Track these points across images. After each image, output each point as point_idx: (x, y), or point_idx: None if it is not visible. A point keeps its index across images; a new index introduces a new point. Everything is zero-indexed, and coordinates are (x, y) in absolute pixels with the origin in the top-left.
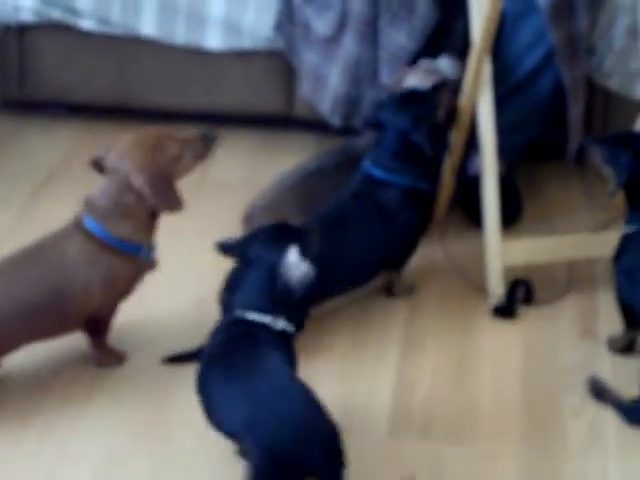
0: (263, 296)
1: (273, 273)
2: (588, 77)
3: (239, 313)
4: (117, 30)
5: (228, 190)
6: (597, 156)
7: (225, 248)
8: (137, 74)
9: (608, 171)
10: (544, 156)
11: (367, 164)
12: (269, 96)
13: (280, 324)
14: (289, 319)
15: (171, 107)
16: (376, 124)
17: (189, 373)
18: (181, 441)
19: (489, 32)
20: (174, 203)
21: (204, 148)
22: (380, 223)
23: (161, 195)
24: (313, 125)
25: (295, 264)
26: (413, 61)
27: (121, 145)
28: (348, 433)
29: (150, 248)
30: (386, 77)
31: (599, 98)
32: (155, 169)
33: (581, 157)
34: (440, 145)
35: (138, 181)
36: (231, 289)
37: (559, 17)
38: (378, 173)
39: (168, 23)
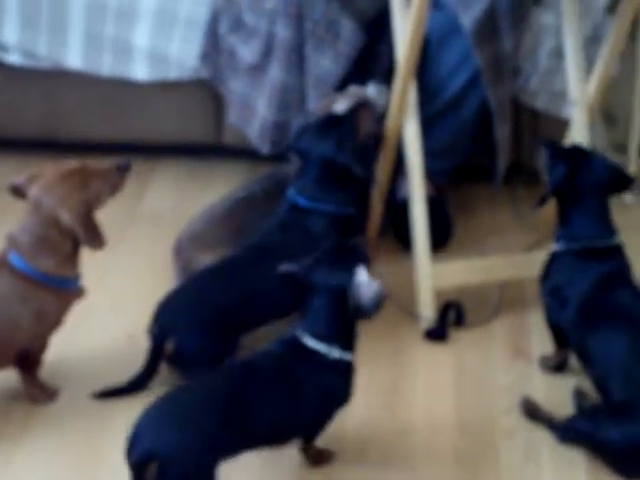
0: (327, 324)
1: (342, 297)
2: (515, 98)
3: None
4: (43, 63)
5: (159, 221)
6: (541, 159)
7: (290, 276)
8: (65, 107)
9: (544, 177)
10: (473, 177)
11: (292, 193)
12: (198, 125)
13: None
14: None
15: (100, 139)
16: (297, 151)
17: (121, 407)
18: (115, 474)
19: (413, 55)
20: (100, 239)
21: (119, 179)
22: (307, 252)
23: (89, 231)
24: (243, 153)
25: (367, 284)
26: (341, 86)
27: (44, 179)
28: (282, 459)
29: (76, 279)
30: (313, 103)
31: (526, 118)
32: (82, 204)
33: (510, 178)
34: (366, 165)
35: (66, 217)
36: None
37: (484, 39)
38: (303, 201)
39: (94, 55)
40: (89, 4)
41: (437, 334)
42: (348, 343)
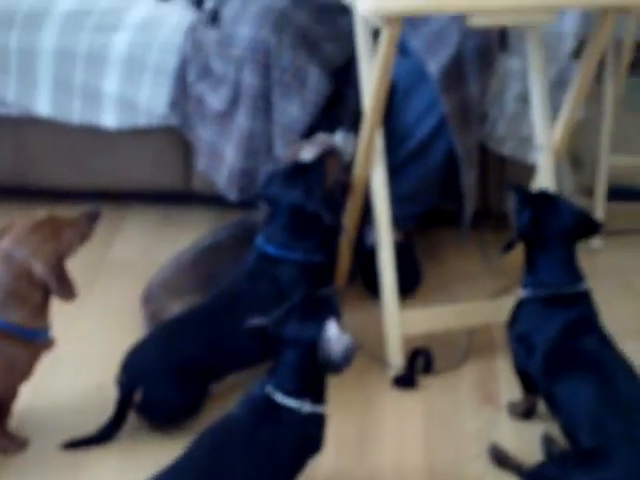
0: (298, 378)
1: (312, 352)
2: (482, 143)
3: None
4: (13, 111)
5: (128, 268)
6: (509, 203)
7: (260, 329)
8: (35, 154)
9: (513, 222)
10: (441, 222)
11: (261, 241)
12: (167, 172)
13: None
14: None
15: (70, 186)
16: (266, 199)
17: (90, 457)
18: None
19: (380, 103)
20: (71, 289)
21: (89, 227)
22: (276, 301)
23: (60, 282)
24: (213, 200)
25: (337, 338)
26: (309, 133)
27: (15, 231)
28: None
29: (46, 330)
30: (280, 150)
31: (493, 164)
32: (53, 255)
33: (477, 223)
34: (334, 212)
35: (38, 269)
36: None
37: (450, 86)
38: (272, 250)
39: (63, 102)
40: (58, 51)
41: (406, 381)
42: (319, 396)
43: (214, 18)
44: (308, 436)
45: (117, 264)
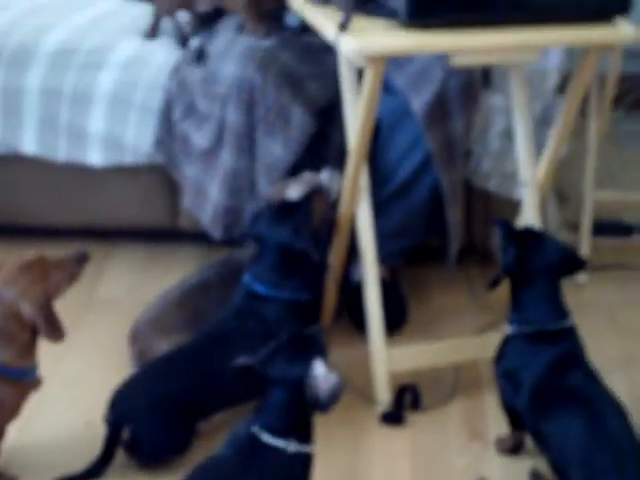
0: (284, 418)
1: (299, 391)
2: (467, 179)
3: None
4: None
5: (115, 307)
6: (495, 239)
7: (247, 368)
8: (21, 192)
9: (497, 258)
10: (427, 258)
11: (248, 279)
12: (153, 209)
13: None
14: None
15: (56, 224)
16: (254, 237)
17: None
18: None
19: (364, 141)
20: (60, 330)
21: (77, 269)
22: (264, 340)
23: (49, 322)
24: (199, 237)
25: (324, 377)
26: (294, 172)
27: (4, 272)
28: None
29: (33, 369)
30: (264, 189)
31: (479, 199)
32: (42, 296)
33: (463, 258)
34: (320, 250)
35: (27, 309)
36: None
37: (434, 123)
38: (260, 288)
39: (49, 141)
40: (44, 89)
41: (393, 418)
42: (305, 436)
43: (199, 57)
44: (295, 476)
45: (104, 302)
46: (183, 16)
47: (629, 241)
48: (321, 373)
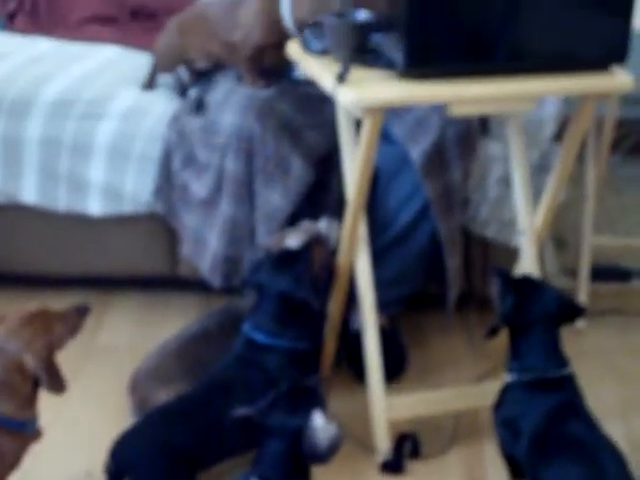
0: (282, 469)
1: (297, 442)
2: (465, 227)
3: None
4: None
5: (115, 355)
6: (493, 288)
7: (246, 419)
8: (21, 241)
9: (496, 306)
10: (426, 305)
11: (248, 328)
12: (153, 258)
13: None
14: None
15: (56, 272)
16: (254, 286)
17: None
18: None
19: (363, 191)
20: (62, 383)
21: (79, 321)
22: (264, 389)
23: (51, 375)
24: (198, 285)
25: (323, 428)
26: (293, 220)
27: (7, 324)
28: None
29: (34, 421)
30: (263, 238)
31: (477, 247)
32: (45, 349)
33: (462, 305)
34: (319, 299)
35: (30, 362)
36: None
37: (432, 172)
38: (259, 337)
39: (49, 190)
40: (44, 139)
41: (393, 466)
42: None
43: (198, 106)
44: None
45: (104, 351)
46: (182, 70)
47: (627, 286)
48: (320, 424)
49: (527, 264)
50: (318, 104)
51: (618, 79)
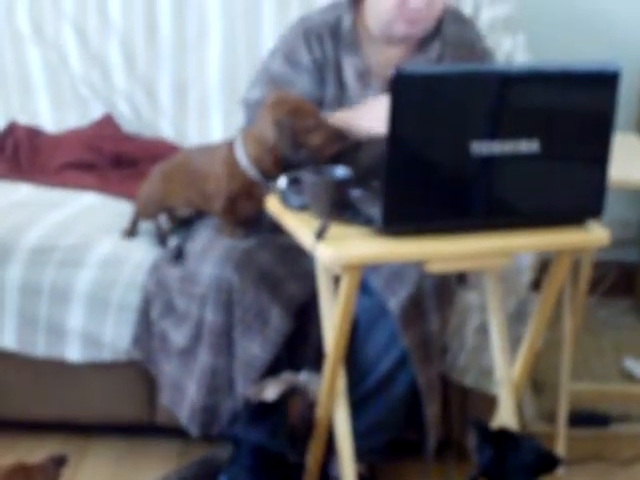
0: None
1: None
2: (443, 374)
3: None
4: None
5: None
6: (470, 439)
7: None
8: None
9: (474, 457)
10: (405, 452)
11: None
12: (131, 404)
13: None
14: None
15: (34, 417)
16: (231, 439)
17: None
18: None
19: (341, 342)
20: None
21: (56, 472)
22: None
23: None
24: (177, 432)
25: None
26: (273, 370)
27: None
28: None
29: None
30: (242, 388)
31: (455, 394)
32: None
33: (440, 452)
34: (297, 451)
35: None
36: None
37: (410, 322)
38: None
39: (28, 336)
40: (24, 285)
41: None
42: None
43: (177, 256)
44: None
45: None
46: (162, 218)
47: (606, 431)
48: None
49: (505, 414)
50: (298, 254)
51: (594, 234)
